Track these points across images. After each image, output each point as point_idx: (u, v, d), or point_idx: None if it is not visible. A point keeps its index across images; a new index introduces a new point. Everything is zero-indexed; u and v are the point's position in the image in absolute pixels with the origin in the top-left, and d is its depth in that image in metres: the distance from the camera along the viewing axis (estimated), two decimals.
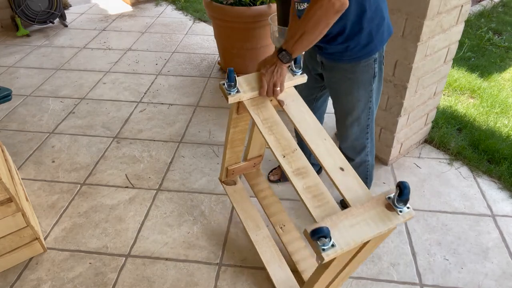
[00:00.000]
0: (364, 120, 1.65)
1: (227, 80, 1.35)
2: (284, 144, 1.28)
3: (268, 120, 1.34)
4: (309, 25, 1.24)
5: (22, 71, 3.32)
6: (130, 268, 1.77)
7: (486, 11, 4.31)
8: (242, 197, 1.82)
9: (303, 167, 1.22)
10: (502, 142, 2.41)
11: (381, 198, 1.11)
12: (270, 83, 1.36)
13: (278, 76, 1.35)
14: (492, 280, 1.71)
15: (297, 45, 1.30)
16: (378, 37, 1.44)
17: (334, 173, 1.19)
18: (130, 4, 4.70)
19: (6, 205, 1.60)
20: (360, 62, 1.49)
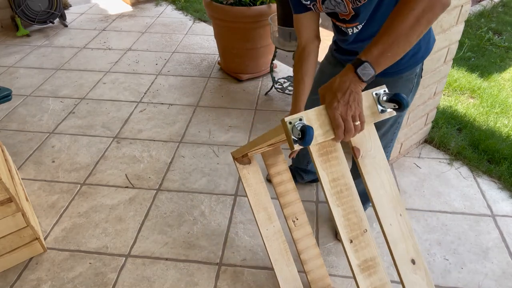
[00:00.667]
0: (390, 134, 1.55)
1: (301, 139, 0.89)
2: (354, 221, 1.00)
3: (339, 183, 0.98)
4: (405, 25, 0.91)
5: (22, 71, 3.32)
6: (130, 268, 1.77)
7: (486, 11, 4.31)
8: (256, 180, 1.54)
9: (372, 258, 1.01)
10: (502, 142, 2.41)
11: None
12: (348, 118, 0.92)
13: (356, 105, 0.93)
14: (492, 280, 1.71)
15: (386, 54, 0.94)
16: (424, 46, 1.31)
17: (403, 267, 1.03)
18: (130, 4, 4.70)
19: (6, 205, 1.60)
20: (402, 76, 1.32)
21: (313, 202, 2.09)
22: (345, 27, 1.31)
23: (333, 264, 1.77)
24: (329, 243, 1.87)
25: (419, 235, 1.90)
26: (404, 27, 0.92)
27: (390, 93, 0.99)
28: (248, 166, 1.53)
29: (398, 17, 0.92)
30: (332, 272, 1.74)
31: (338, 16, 1.29)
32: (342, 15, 1.27)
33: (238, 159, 1.45)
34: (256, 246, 1.86)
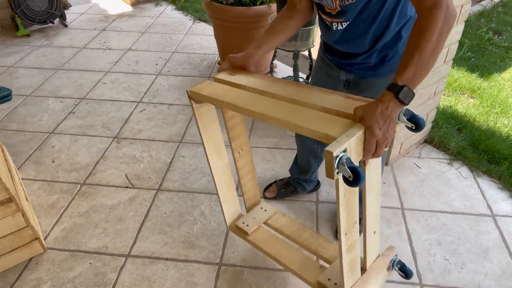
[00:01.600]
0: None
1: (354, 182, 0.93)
2: (350, 218, 1.12)
3: (349, 191, 1.07)
4: (432, 42, 0.97)
5: (22, 71, 3.32)
6: (130, 268, 1.77)
7: (486, 11, 4.31)
8: (211, 120, 1.57)
9: (354, 241, 1.19)
10: (502, 142, 2.41)
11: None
12: (382, 145, 1.00)
13: (393, 133, 1.01)
14: (492, 280, 1.71)
15: (420, 74, 0.98)
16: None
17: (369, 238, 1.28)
18: (130, 4, 4.70)
19: (6, 205, 1.60)
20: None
21: (313, 202, 2.09)
22: (330, 21, 1.31)
23: None
24: None
25: (419, 235, 1.90)
26: (431, 44, 0.97)
27: (410, 111, 1.04)
28: (203, 105, 1.52)
29: (423, 35, 0.97)
30: None
31: (324, 9, 1.30)
32: (328, 9, 1.28)
33: (195, 99, 1.44)
34: None
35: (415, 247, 1.85)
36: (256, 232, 1.66)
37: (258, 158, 2.37)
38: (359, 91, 1.43)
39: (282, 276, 1.73)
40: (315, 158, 1.91)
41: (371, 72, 1.38)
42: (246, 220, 1.69)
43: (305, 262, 1.54)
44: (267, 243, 1.62)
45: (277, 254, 1.57)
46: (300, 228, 1.66)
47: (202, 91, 1.33)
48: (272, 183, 2.15)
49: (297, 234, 1.63)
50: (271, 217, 1.72)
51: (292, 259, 1.55)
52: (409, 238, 1.89)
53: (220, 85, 1.35)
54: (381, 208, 2.04)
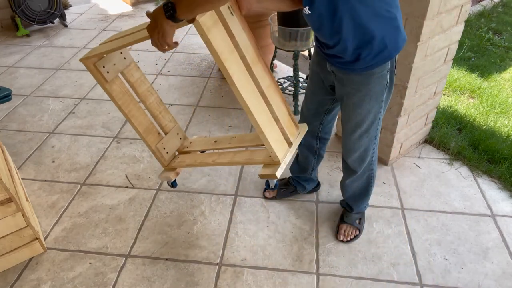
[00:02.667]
0: (373, 131, 1.58)
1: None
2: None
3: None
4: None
5: (22, 71, 3.32)
6: (130, 268, 1.77)
7: (486, 11, 4.31)
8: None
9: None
10: (502, 142, 2.41)
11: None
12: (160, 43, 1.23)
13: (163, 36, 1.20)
14: (492, 280, 1.71)
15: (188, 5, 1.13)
16: (391, 44, 1.35)
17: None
18: (130, 4, 4.70)
19: (6, 205, 1.60)
20: (374, 72, 1.39)
21: (313, 202, 2.09)
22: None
23: (333, 264, 1.77)
24: (329, 243, 1.87)
25: (419, 235, 1.91)
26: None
27: None
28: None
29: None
30: (332, 272, 1.74)
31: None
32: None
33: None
34: (256, 246, 1.86)
35: (415, 247, 1.85)
36: (114, 82, 1.64)
37: None
38: (342, 85, 1.49)
39: (282, 276, 1.73)
40: (314, 155, 1.92)
41: (349, 67, 1.40)
42: (106, 65, 1.61)
43: (148, 127, 1.75)
44: (121, 98, 1.66)
45: (130, 113, 1.68)
46: (149, 89, 1.78)
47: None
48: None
49: (145, 95, 1.75)
50: (127, 68, 1.72)
51: (140, 122, 1.72)
52: (409, 238, 1.89)
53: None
54: (381, 208, 2.05)
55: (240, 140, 1.79)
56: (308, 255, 1.81)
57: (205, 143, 1.88)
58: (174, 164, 1.83)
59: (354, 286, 1.69)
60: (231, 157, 1.72)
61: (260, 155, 1.66)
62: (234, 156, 1.72)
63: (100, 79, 1.53)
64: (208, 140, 1.89)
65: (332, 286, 1.68)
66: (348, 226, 1.90)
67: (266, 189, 2.12)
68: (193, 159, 1.82)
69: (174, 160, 1.86)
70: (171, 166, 1.84)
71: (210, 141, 1.87)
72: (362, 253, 1.82)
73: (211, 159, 1.75)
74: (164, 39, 1.20)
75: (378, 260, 1.79)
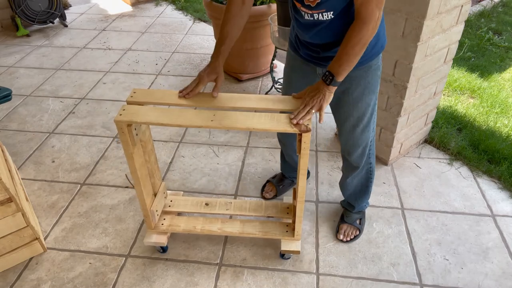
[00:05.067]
0: (372, 123, 1.60)
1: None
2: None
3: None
4: (355, 50, 1.27)
5: (22, 71, 3.32)
6: (130, 268, 1.77)
7: (486, 11, 4.31)
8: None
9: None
10: (502, 142, 2.41)
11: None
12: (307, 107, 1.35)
13: (319, 100, 1.35)
14: (492, 280, 1.71)
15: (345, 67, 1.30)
16: (382, 34, 1.43)
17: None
18: (130, 4, 4.70)
19: (6, 205, 1.60)
20: (371, 64, 1.44)
21: (313, 202, 2.09)
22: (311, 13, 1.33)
23: (333, 264, 1.77)
24: (329, 243, 1.87)
25: (419, 235, 1.91)
26: (357, 49, 1.27)
27: None
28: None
29: (351, 41, 1.26)
30: (332, 272, 1.74)
31: (303, 2, 1.33)
32: (307, 1, 1.31)
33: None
34: (256, 246, 1.86)
35: (415, 247, 1.85)
36: (137, 145, 1.56)
37: (258, 158, 2.37)
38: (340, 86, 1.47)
39: (282, 276, 1.73)
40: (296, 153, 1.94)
41: None
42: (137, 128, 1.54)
43: (150, 190, 1.71)
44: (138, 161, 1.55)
45: (141, 176, 1.59)
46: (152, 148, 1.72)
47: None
48: (265, 183, 2.16)
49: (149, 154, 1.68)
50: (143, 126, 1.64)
51: (145, 185, 1.65)
52: (409, 238, 1.89)
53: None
54: (381, 208, 2.05)
55: (240, 208, 1.83)
56: (308, 255, 1.81)
57: (193, 204, 1.85)
58: (165, 228, 1.76)
59: (354, 286, 1.69)
60: (240, 227, 1.77)
61: (275, 227, 1.76)
62: (244, 226, 1.77)
63: (128, 142, 1.45)
64: (195, 201, 1.86)
65: (332, 286, 1.68)
66: (349, 226, 1.90)
67: (262, 190, 2.14)
68: (190, 224, 1.78)
69: (163, 222, 1.78)
70: (161, 229, 1.76)
71: (199, 202, 1.85)
72: (362, 253, 1.82)
73: (216, 227, 1.77)
74: (327, 102, 1.36)
75: (378, 260, 1.79)
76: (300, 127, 1.32)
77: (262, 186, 2.15)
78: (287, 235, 1.71)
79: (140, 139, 1.56)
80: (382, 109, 2.14)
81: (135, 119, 1.37)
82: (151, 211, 1.70)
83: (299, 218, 1.62)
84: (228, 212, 1.81)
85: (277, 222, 1.78)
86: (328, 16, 1.31)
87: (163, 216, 1.82)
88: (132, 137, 1.45)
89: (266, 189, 2.11)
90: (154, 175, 1.75)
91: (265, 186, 2.14)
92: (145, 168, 1.64)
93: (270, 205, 1.84)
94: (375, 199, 2.09)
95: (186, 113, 1.42)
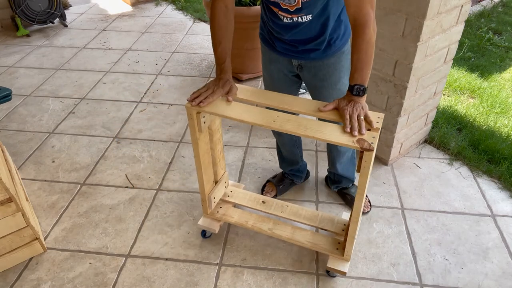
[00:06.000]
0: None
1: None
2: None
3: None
4: (368, 53, 1.29)
5: (22, 71, 3.32)
6: (130, 268, 1.77)
7: (486, 11, 4.31)
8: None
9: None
10: (502, 142, 2.41)
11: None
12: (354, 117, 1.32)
13: (361, 108, 1.33)
14: (492, 280, 1.71)
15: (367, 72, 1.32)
16: (347, 22, 1.49)
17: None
18: (130, 4, 4.70)
19: (6, 205, 1.60)
20: (344, 50, 1.54)
21: (313, 202, 2.09)
22: (291, 17, 1.41)
23: None
24: None
25: (419, 235, 1.91)
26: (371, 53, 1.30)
27: None
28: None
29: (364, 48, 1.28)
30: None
31: (280, 6, 1.40)
32: (285, 6, 1.38)
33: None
34: (256, 246, 1.86)
35: (415, 247, 1.85)
36: (204, 132, 1.60)
37: (258, 158, 2.37)
38: (315, 72, 1.59)
39: (282, 276, 1.73)
40: (296, 146, 1.99)
41: (321, 54, 1.53)
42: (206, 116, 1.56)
43: (210, 177, 1.74)
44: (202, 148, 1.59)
45: (203, 163, 1.63)
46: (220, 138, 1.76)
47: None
48: (265, 183, 2.16)
49: (216, 143, 1.72)
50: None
51: (206, 172, 1.69)
52: (409, 238, 1.89)
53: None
54: (381, 208, 2.05)
55: (295, 213, 1.81)
56: (308, 255, 1.81)
57: (251, 199, 1.87)
58: (220, 216, 1.81)
59: (354, 286, 1.69)
60: (290, 232, 1.74)
61: (325, 242, 1.70)
62: (294, 232, 1.74)
63: (194, 128, 1.49)
64: (254, 197, 1.88)
65: (332, 286, 1.68)
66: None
67: (263, 190, 2.14)
68: (243, 218, 1.80)
69: (218, 210, 1.83)
70: (216, 216, 1.81)
71: (257, 199, 1.87)
72: (362, 253, 1.82)
73: (267, 226, 1.76)
74: (366, 107, 1.34)
75: (378, 260, 1.79)
76: (362, 144, 1.24)
77: (262, 186, 2.16)
78: (336, 253, 1.65)
79: (208, 127, 1.60)
80: (382, 109, 2.14)
81: (204, 108, 1.41)
82: (208, 197, 1.75)
83: (351, 238, 1.55)
84: (282, 215, 1.79)
85: (329, 236, 1.72)
86: (307, 18, 1.40)
87: (220, 204, 1.86)
88: (199, 123, 1.48)
89: (266, 189, 2.11)
90: (218, 163, 1.78)
91: (265, 186, 2.14)
92: (209, 156, 1.68)
93: (326, 217, 1.78)
94: (375, 199, 2.09)
95: (251, 110, 1.40)
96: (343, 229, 1.72)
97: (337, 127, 1.31)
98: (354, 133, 1.26)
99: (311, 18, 1.40)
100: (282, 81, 1.70)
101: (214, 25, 1.43)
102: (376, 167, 2.29)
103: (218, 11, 1.41)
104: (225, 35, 1.44)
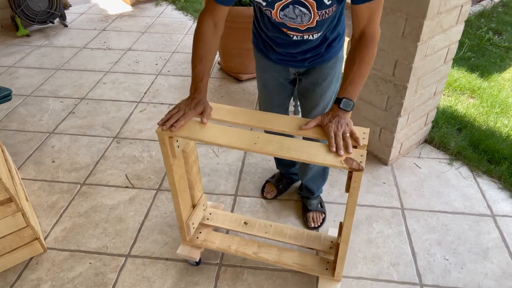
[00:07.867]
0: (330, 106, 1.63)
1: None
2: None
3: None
4: (368, 68, 1.27)
5: (22, 71, 3.32)
6: (130, 268, 1.77)
7: (486, 11, 4.31)
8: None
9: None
10: (502, 142, 2.41)
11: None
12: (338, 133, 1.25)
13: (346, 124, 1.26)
14: (492, 280, 1.71)
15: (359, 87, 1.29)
16: (342, 31, 1.50)
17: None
18: (130, 4, 4.70)
19: (6, 205, 1.60)
20: (339, 56, 1.53)
21: None
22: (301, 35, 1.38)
23: None
24: None
25: (419, 235, 1.91)
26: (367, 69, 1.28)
27: None
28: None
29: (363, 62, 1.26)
30: None
31: (288, 26, 1.34)
32: (293, 25, 1.33)
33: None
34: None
35: (415, 247, 1.85)
36: (178, 157, 1.50)
37: (258, 158, 2.37)
38: (308, 77, 1.57)
39: (282, 276, 1.73)
40: None
41: (320, 59, 1.51)
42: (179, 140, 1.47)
43: (187, 202, 1.64)
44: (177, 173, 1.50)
45: (179, 188, 1.53)
46: (195, 159, 1.65)
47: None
48: (265, 183, 2.16)
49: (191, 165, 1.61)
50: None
51: (183, 197, 1.59)
52: (409, 238, 1.89)
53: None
54: (381, 208, 2.05)
55: (280, 233, 1.71)
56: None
57: (232, 221, 1.77)
58: (200, 242, 1.71)
59: (354, 286, 1.69)
60: (276, 255, 1.65)
61: (313, 262, 1.63)
62: (281, 255, 1.65)
63: (168, 154, 1.39)
64: (234, 218, 1.78)
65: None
66: (314, 213, 1.95)
67: (263, 191, 2.13)
68: (225, 243, 1.70)
69: (198, 236, 1.73)
70: (196, 243, 1.71)
71: (238, 220, 1.77)
72: (362, 253, 1.82)
73: (251, 250, 1.67)
74: (351, 123, 1.29)
75: (378, 260, 1.79)
76: (351, 164, 1.17)
77: (262, 187, 2.16)
78: (326, 273, 1.58)
79: (182, 150, 1.50)
80: (382, 109, 2.14)
81: (176, 132, 1.31)
82: (186, 224, 1.65)
83: (341, 259, 1.49)
84: (266, 236, 1.70)
85: (317, 256, 1.66)
86: (318, 35, 1.39)
87: (199, 229, 1.75)
88: (173, 149, 1.38)
89: (266, 190, 2.11)
90: (194, 186, 1.67)
91: (265, 187, 2.14)
92: (185, 180, 1.57)
93: (312, 235, 1.70)
94: (375, 199, 2.09)
95: (229, 132, 1.32)
96: (330, 246, 1.65)
97: (322, 147, 1.24)
98: (339, 153, 1.19)
99: (321, 33, 1.38)
100: (275, 90, 1.68)
101: (198, 39, 1.32)
102: (376, 167, 2.29)
103: (205, 27, 1.31)
104: (208, 53, 1.33)
